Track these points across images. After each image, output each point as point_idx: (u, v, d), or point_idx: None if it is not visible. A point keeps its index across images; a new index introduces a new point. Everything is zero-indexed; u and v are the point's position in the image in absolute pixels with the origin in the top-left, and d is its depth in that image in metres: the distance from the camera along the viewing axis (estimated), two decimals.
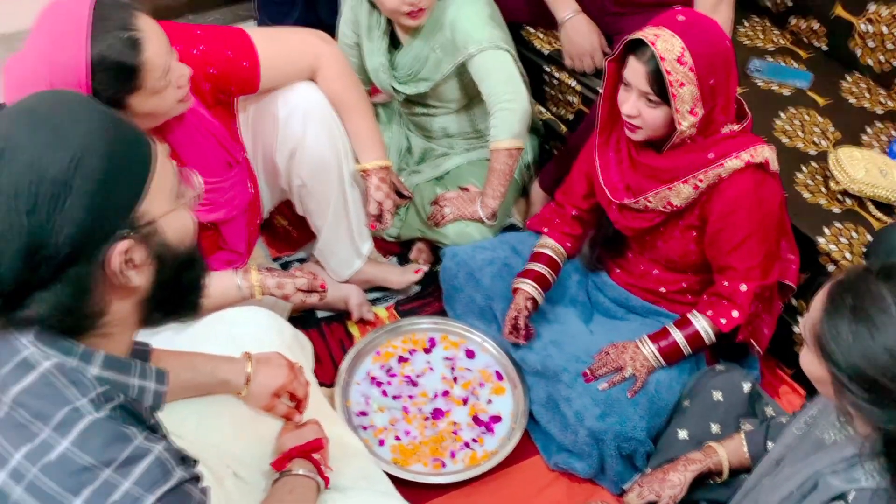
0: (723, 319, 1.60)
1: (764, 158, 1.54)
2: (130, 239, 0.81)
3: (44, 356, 0.82)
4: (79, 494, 0.77)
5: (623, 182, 1.65)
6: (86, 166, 0.78)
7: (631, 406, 1.60)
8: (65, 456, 0.78)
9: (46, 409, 0.80)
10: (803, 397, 1.83)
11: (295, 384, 1.33)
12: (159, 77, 1.35)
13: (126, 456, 0.80)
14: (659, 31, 1.45)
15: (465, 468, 1.69)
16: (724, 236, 1.58)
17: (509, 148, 1.89)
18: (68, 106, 0.82)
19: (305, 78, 1.74)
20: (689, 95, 1.46)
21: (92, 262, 0.79)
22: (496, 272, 1.88)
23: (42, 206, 0.76)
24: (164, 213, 0.84)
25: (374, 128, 1.85)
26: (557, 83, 2.27)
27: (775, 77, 2.15)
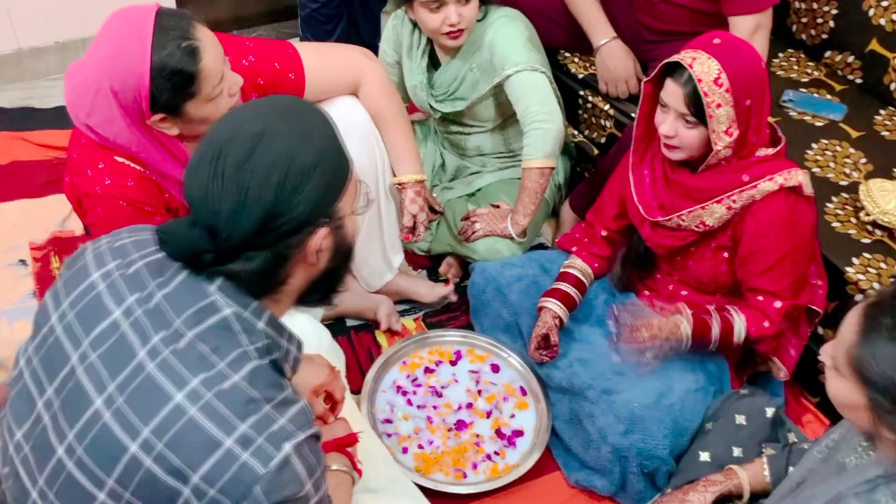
0: (754, 326, 1.62)
1: (798, 182, 1.56)
2: (328, 227, 0.96)
3: (226, 304, 0.93)
4: (245, 420, 0.88)
5: (657, 200, 1.68)
6: (325, 162, 0.94)
7: (655, 424, 1.61)
8: (236, 387, 0.89)
9: (223, 346, 0.91)
10: (827, 426, 1.83)
11: (334, 384, 1.37)
12: (214, 85, 1.41)
13: (282, 398, 0.92)
14: (696, 54, 1.49)
15: (485, 480, 1.71)
16: (757, 258, 1.61)
17: (541, 167, 1.93)
18: (311, 111, 1.00)
19: (348, 92, 1.80)
20: (726, 116, 1.49)
21: (300, 240, 0.94)
22: (524, 289, 1.90)
23: (288, 185, 0.91)
24: (349, 213, 1.00)
25: (412, 143, 1.90)
26: (591, 107, 2.31)
27: (809, 108, 2.16)
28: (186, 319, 0.92)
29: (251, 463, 0.86)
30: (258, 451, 0.87)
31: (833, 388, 1.10)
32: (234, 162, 0.91)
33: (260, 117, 0.96)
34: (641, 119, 1.66)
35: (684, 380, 1.68)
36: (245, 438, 0.87)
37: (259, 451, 0.87)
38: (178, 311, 0.93)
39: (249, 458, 0.86)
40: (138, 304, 0.94)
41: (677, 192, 1.65)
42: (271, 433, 0.88)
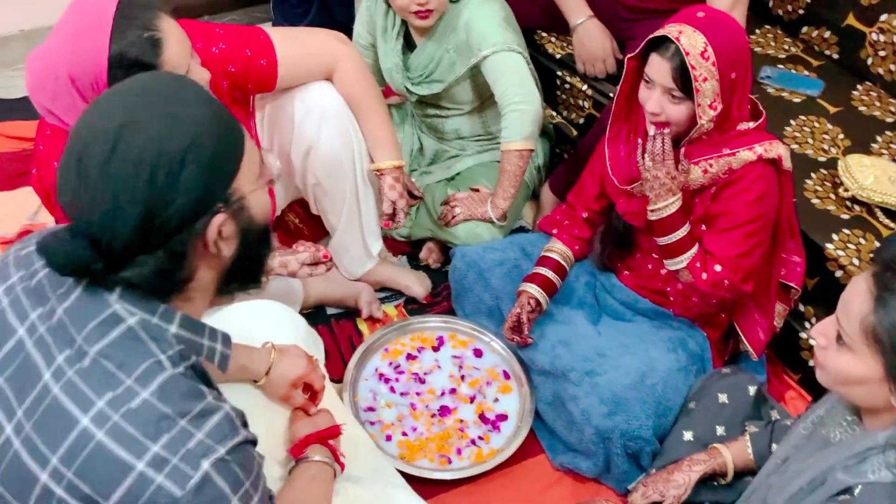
0: (698, 263, 1.60)
1: (777, 154, 1.56)
2: (225, 213, 0.88)
3: (129, 313, 0.87)
4: (157, 440, 0.82)
5: (632, 173, 1.67)
6: (200, 145, 0.85)
7: (638, 405, 1.61)
8: (145, 404, 0.83)
9: (129, 360, 0.85)
10: (809, 402, 1.84)
11: (313, 375, 1.35)
12: None
13: (199, 409, 0.85)
14: (682, 28, 1.48)
15: (470, 465, 1.71)
16: (717, 221, 1.61)
17: (520, 149, 1.91)
18: (181, 88, 0.89)
19: (322, 77, 1.77)
20: (711, 90, 1.48)
21: (193, 232, 0.86)
22: (505, 273, 1.89)
23: (160, 179, 0.83)
24: (250, 191, 0.91)
25: (389, 128, 1.87)
26: (569, 87, 2.29)
27: (786, 85, 2.16)
28: (89, 334, 0.86)
29: (167, 486, 0.81)
30: (174, 472, 0.81)
31: (838, 364, 1.08)
32: (97, 162, 0.83)
33: (120, 106, 0.86)
34: (621, 95, 1.64)
35: (666, 360, 1.68)
36: (158, 460, 0.82)
37: (175, 473, 0.82)
38: (79, 326, 0.86)
39: (164, 480, 0.81)
40: (41, 321, 0.88)
41: None
42: (187, 451, 0.82)
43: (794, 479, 1.15)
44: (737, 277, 1.59)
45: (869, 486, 1.03)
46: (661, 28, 1.51)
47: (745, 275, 1.60)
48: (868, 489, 1.03)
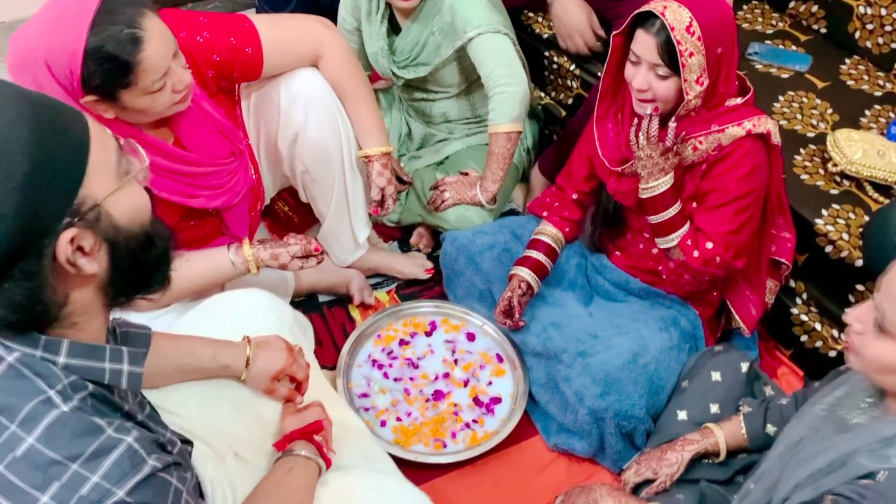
0: (689, 241, 1.61)
1: (766, 129, 1.55)
2: (75, 227, 0.77)
3: (7, 350, 0.80)
4: (46, 490, 0.76)
5: (620, 153, 1.66)
6: (8, 161, 0.73)
7: (630, 384, 1.61)
8: (30, 452, 0.77)
9: (12, 403, 0.78)
10: (801, 378, 1.85)
11: (294, 367, 1.33)
12: (156, 79, 1.35)
13: (93, 449, 0.78)
14: (666, 2, 1.47)
15: (465, 448, 1.71)
16: (708, 198, 1.60)
17: (508, 132, 1.90)
18: None
19: (308, 64, 1.75)
20: (697, 65, 1.48)
21: (39, 256, 0.76)
22: (496, 257, 1.89)
23: None
24: (108, 193, 0.80)
25: (377, 114, 1.86)
26: (557, 68, 2.27)
27: (774, 60, 2.15)
28: None
29: None
30: None
31: (877, 352, 1.05)
32: None
33: None
34: (608, 73, 1.63)
35: (658, 338, 1.68)
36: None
37: None
38: None
39: None
40: None
41: None
42: (80, 499, 0.76)
43: (811, 460, 1.13)
44: (728, 254, 1.59)
45: (894, 472, 1.02)
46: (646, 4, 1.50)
47: (737, 251, 1.60)
48: (893, 474, 1.02)
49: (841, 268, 1.73)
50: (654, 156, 1.56)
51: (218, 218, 1.71)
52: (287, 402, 1.36)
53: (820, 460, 1.11)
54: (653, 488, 1.46)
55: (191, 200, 1.60)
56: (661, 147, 1.55)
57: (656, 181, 1.58)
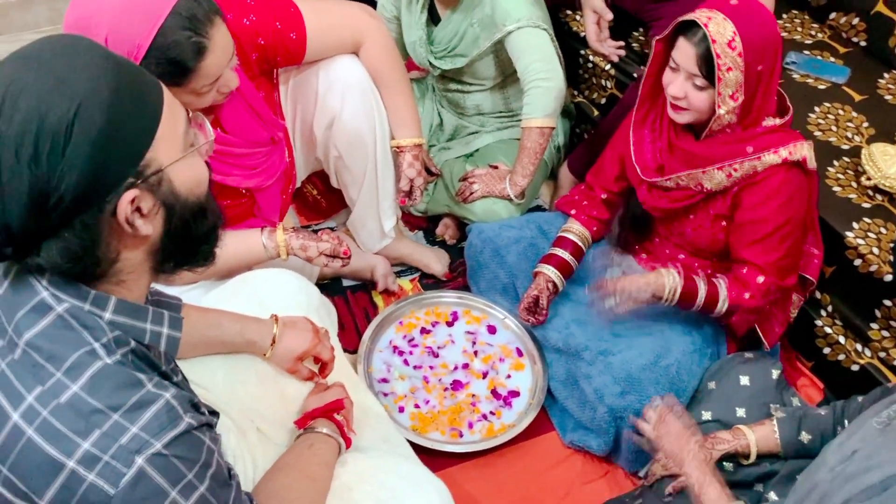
0: (734, 293, 1.61)
1: (802, 156, 1.54)
2: (137, 188, 0.79)
3: (58, 300, 0.82)
4: (87, 437, 0.79)
5: (655, 162, 1.66)
6: (86, 115, 0.76)
7: (651, 385, 1.61)
8: (74, 399, 0.79)
9: (59, 351, 0.81)
10: (822, 390, 1.84)
11: (320, 348, 1.35)
12: (206, 84, 1.38)
13: (134, 401, 0.81)
14: (712, 14, 1.46)
15: (481, 439, 1.72)
16: (749, 229, 1.59)
17: (541, 126, 1.90)
18: (73, 52, 0.79)
19: (349, 51, 1.76)
20: (734, 80, 1.46)
21: (100, 211, 0.78)
22: (521, 251, 1.89)
23: (42, 155, 0.75)
24: (173, 160, 0.82)
25: (412, 105, 1.87)
26: (592, 66, 2.27)
27: (811, 71, 2.14)
28: (19, 323, 0.82)
29: (99, 484, 0.78)
30: (105, 469, 0.78)
31: None
32: None
33: (4, 74, 0.77)
34: (649, 77, 1.63)
35: (681, 341, 1.68)
36: (89, 458, 0.78)
37: (106, 470, 0.78)
38: (10, 315, 0.82)
39: (96, 479, 0.78)
40: None
41: (679, 156, 1.62)
42: (120, 448, 0.79)
43: (864, 475, 1.10)
44: (782, 279, 1.60)
45: None
46: (691, 11, 1.49)
47: (788, 273, 1.61)
48: None
49: (869, 282, 1.72)
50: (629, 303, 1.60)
51: (250, 199, 1.73)
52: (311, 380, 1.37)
53: (874, 475, 1.09)
54: (678, 483, 1.45)
55: (226, 178, 1.62)
56: None
57: (665, 290, 1.60)
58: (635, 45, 2.21)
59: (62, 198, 0.76)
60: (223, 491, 0.89)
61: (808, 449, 1.39)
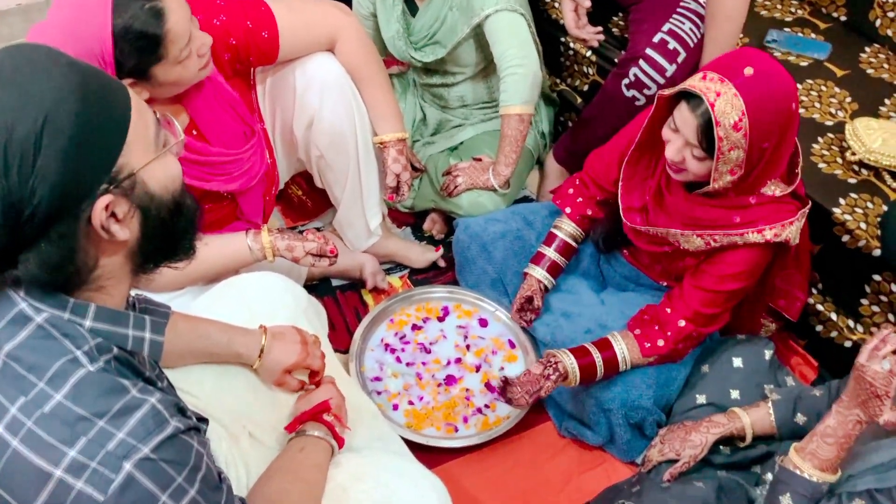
0: (647, 343, 1.58)
1: (786, 238, 1.47)
2: (111, 194, 0.79)
3: (37, 310, 0.82)
4: (73, 445, 0.78)
5: (642, 203, 1.62)
6: (54, 126, 0.75)
7: (638, 376, 1.60)
8: (58, 408, 0.79)
9: (40, 361, 0.81)
10: (815, 369, 1.84)
11: (309, 360, 1.33)
12: (182, 47, 1.37)
13: (119, 407, 0.80)
14: (720, 88, 1.34)
15: (477, 433, 1.72)
16: (705, 277, 1.55)
17: (520, 114, 1.88)
18: (35, 62, 0.78)
19: (324, 49, 1.75)
20: (735, 159, 1.39)
21: (75, 220, 0.78)
22: (508, 245, 1.88)
23: (13, 170, 0.74)
24: (145, 163, 0.82)
25: (392, 99, 1.85)
26: (573, 54, 2.26)
27: (793, 48, 2.13)
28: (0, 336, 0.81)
29: (87, 491, 0.77)
30: (93, 476, 0.78)
31: None
32: None
33: None
34: (646, 131, 1.55)
35: None
36: (76, 466, 0.78)
37: (94, 477, 0.78)
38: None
39: (84, 486, 0.78)
40: None
41: (665, 209, 1.58)
42: (107, 454, 0.78)
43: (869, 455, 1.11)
44: (704, 327, 1.58)
45: None
46: (701, 71, 1.40)
47: (712, 323, 1.58)
48: None
49: (858, 258, 1.71)
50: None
51: (233, 202, 1.72)
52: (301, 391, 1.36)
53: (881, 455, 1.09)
54: (676, 469, 1.45)
55: (206, 184, 1.61)
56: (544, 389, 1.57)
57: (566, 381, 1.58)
58: (615, 29, 2.20)
59: (36, 210, 0.75)
60: (214, 494, 0.88)
61: (804, 430, 1.39)
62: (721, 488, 1.44)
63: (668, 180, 1.56)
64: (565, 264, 1.81)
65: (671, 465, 1.48)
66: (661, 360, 1.60)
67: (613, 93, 1.98)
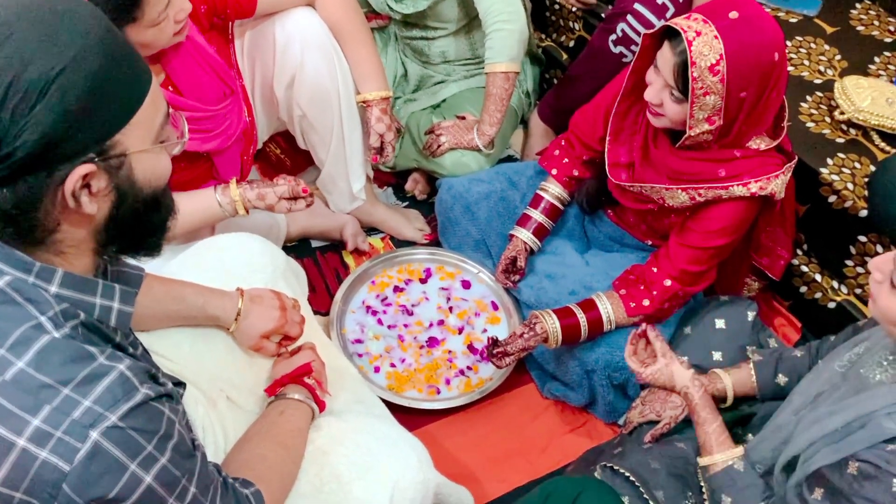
0: (632, 303, 1.57)
1: (771, 191, 1.45)
2: (93, 164, 0.76)
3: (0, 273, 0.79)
4: (37, 413, 0.76)
5: (628, 157, 1.59)
6: (68, 79, 0.73)
7: (621, 336, 1.59)
8: (21, 376, 0.77)
9: (2, 327, 0.78)
10: (799, 330, 1.83)
11: (287, 326, 1.31)
12: (161, 10, 1.33)
13: (85, 374, 0.78)
14: (702, 28, 1.31)
15: (459, 395, 1.71)
16: (690, 234, 1.54)
17: (506, 71, 1.84)
18: (74, 15, 0.77)
19: (304, 3, 1.69)
20: (711, 105, 1.36)
21: (48, 177, 0.75)
22: (492, 206, 1.85)
23: (8, 104, 0.72)
24: (139, 149, 0.80)
25: (375, 56, 1.80)
26: (559, 8, 2.21)
27: (782, 4, 2.09)
28: None
29: (52, 460, 0.76)
30: (59, 445, 0.76)
31: (890, 305, 1.02)
32: None
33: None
34: (633, 73, 1.51)
35: None
36: (40, 434, 0.76)
37: (60, 446, 0.76)
38: None
39: (49, 455, 0.76)
40: None
41: (651, 163, 1.55)
42: (72, 422, 0.76)
43: (827, 419, 1.10)
44: (690, 286, 1.56)
45: None
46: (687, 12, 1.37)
47: (698, 281, 1.57)
48: None
49: (844, 218, 1.70)
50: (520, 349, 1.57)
51: (209, 161, 1.67)
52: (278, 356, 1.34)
53: (837, 420, 1.09)
54: (657, 430, 1.45)
55: None
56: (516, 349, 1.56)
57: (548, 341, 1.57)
58: None
59: (13, 152, 0.73)
60: (186, 462, 0.86)
61: (785, 391, 1.38)
62: None
63: (654, 133, 1.54)
64: (552, 227, 1.78)
65: (653, 426, 1.48)
66: (647, 320, 1.59)
67: (600, 49, 1.93)
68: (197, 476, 0.87)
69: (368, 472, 1.17)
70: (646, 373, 1.42)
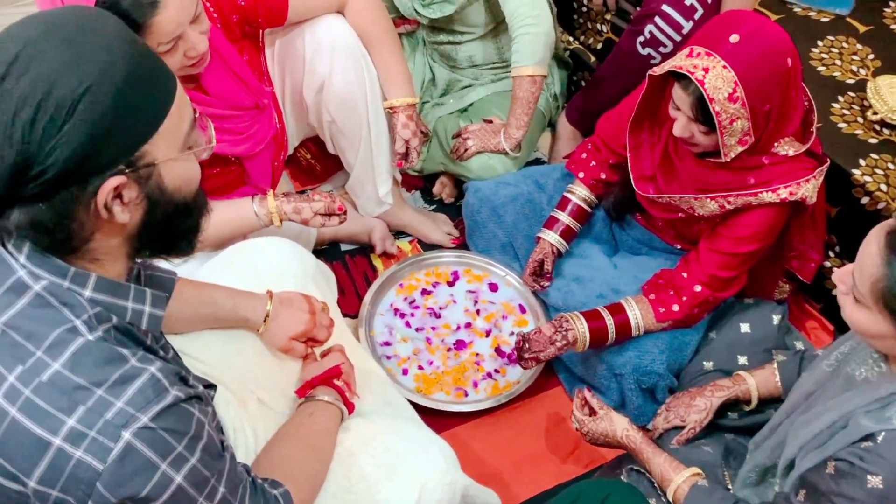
0: (661, 309, 1.56)
1: (802, 196, 1.44)
2: (124, 176, 0.78)
3: (35, 278, 0.82)
4: (72, 414, 0.78)
5: (652, 170, 1.58)
6: (95, 96, 0.75)
7: (650, 340, 1.59)
8: (56, 377, 0.79)
9: (39, 330, 0.80)
10: (832, 333, 1.81)
11: (316, 330, 1.32)
12: (162, 42, 1.32)
13: (118, 376, 0.80)
14: (708, 63, 1.31)
15: (486, 397, 1.71)
16: (720, 240, 1.53)
17: (532, 75, 1.84)
18: (99, 31, 0.79)
19: (333, 10, 1.72)
20: (740, 129, 1.36)
21: (81, 190, 0.77)
22: (519, 209, 1.86)
23: (39, 124, 0.74)
24: (168, 158, 0.82)
25: (402, 63, 1.82)
26: (587, 11, 2.20)
27: (813, 3, 2.07)
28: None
29: (87, 460, 0.78)
30: (92, 445, 0.78)
31: (854, 317, 1.04)
32: None
33: (24, 34, 0.77)
34: (643, 102, 1.51)
35: None
36: (75, 434, 0.78)
37: (94, 446, 0.78)
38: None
39: (84, 455, 0.78)
40: None
41: (676, 174, 1.54)
42: (105, 423, 0.78)
43: (816, 420, 1.11)
44: (721, 292, 1.55)
45: (892, 433, 1.00)
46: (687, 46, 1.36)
47: (729, 286, 1.55)
48: (891, 436, 1.00)
49: (877, 220, 1.64)
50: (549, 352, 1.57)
51: (240, 167, 1.70)
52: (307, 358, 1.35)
53: (824, 420, 1.09)
54: (682, 436, 1.44)
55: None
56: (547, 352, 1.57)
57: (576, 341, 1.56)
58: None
59: (45, 170, 0.75)
60: (216, 462, 0.88)
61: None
62: (728, 450, 1.44)
63: (675, 145, 1.53)
64: (579, 229, 1.78)
65: (680, 432, 1.47)
66: (676, 326, 1.58)
67: (628, 51, 1.93)
68: (226, 476, 0.89)
69: (396, 473, 1.18)
70: (588, 423, 1.45)
